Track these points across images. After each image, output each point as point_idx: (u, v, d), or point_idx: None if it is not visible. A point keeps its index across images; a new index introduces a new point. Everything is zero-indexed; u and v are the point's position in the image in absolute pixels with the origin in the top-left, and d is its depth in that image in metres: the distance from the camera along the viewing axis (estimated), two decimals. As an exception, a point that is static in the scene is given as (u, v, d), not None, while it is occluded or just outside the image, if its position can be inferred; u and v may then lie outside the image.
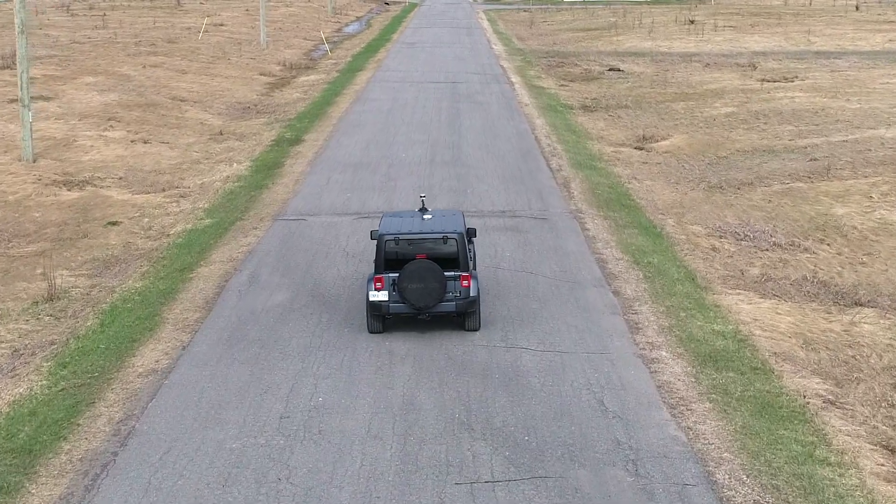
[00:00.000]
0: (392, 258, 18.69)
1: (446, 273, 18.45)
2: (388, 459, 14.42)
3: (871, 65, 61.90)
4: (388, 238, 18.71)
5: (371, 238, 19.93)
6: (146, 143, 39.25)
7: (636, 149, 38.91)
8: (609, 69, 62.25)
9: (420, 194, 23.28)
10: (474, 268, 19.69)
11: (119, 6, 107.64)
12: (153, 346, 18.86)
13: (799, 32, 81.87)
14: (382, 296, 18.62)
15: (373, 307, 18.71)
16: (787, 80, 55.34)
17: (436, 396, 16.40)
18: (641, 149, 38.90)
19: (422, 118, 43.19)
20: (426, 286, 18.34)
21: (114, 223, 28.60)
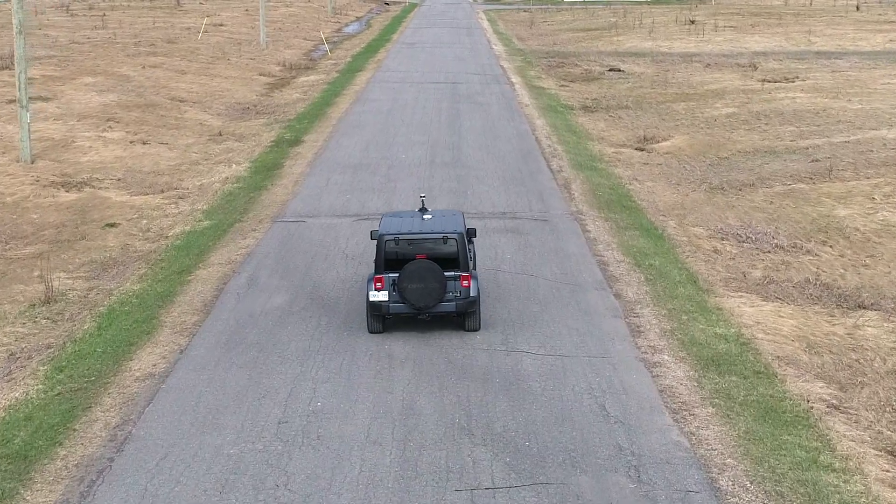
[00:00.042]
0: (392, 258, 18.69)
1: (446, 273, 18.44)
2: (388, 465, 14.26)
3: (872, 65, 61.75)
4: (389, 238, 18.70)
5: (371, 238, 19.91)
6: (145, 144, 39.09)
7: (637, 150, 38.75)
8: (609, 69, 62.11)
9: (420, 194, 23.16)
10: (474, 268, 19.67)
11: (119, 6, 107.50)
12: (151, 350, 18.70)
13: (799, 32, 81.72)
14: (382, 296, 18.60)
15: (373, 307, 18.70)
16: (788, 81, 55.18)
17: (436, 401, 16.24)
18: (642, 150, 38.74)
19: (422, 119, 43.03)
20: (426, 286, 18.32)
21: (112, 225, 28.44)
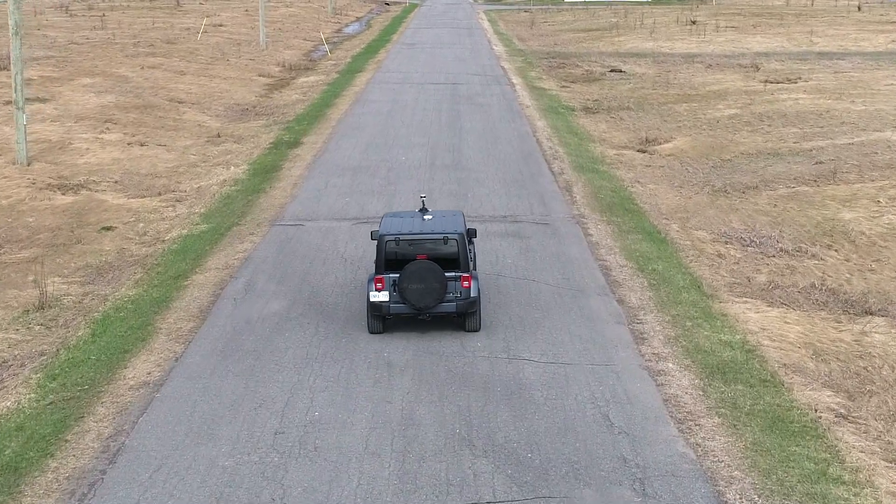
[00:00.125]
0: (392, 258, 18.63)
1: (447, 273, 18.35)
2: (387, 478, 13.92)
3: (875, 66, 61.39)
4: (389, 238, 18.62)
5: (371, 238, 19.84)
6: (143, 146, 38.74)
7: (639, 151, 38.39)
8: (611, 70, 61.76)
9: (420, 195, 22.88)
10: (475, 268, 19.57)
11: (118, 6, 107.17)
12: (145, 358, 18.35)
13: (801, 33, 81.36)
14: (383, 296, 18.52)
15: (373, 307, 18.59)
16: (791, 82, 54.80)
17: (436, 411, 15.90)
18: (644, 151, 38.38)
19: (422, 120, 42.69)
20: (427, 286, 18.24)
21: (108, 228, 28.11)
